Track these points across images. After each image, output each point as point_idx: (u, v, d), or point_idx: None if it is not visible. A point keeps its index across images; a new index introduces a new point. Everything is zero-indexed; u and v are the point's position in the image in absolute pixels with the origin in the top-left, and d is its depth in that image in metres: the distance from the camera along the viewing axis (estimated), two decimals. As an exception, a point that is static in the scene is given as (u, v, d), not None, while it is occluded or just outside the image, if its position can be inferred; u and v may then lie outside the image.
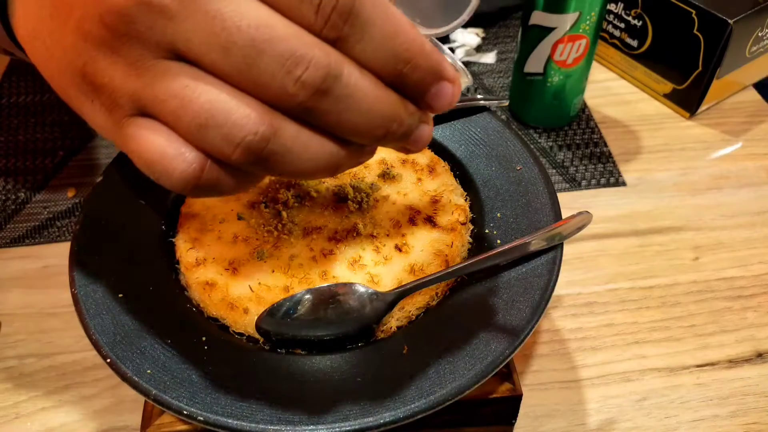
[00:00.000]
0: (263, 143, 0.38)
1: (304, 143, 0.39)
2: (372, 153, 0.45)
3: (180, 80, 0.37)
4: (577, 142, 0.98)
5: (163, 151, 0.38)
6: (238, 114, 0.37)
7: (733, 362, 0.73)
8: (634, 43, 1.03)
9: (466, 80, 0.49)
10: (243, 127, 0.37)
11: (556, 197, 0.63)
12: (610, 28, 1.06)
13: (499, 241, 0.60)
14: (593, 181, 0.92)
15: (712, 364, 0.73)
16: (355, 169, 0.66)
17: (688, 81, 0.98)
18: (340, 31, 0.37)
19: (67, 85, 0.41)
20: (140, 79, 0.37)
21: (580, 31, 0.86)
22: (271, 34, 0.36)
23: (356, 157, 0.43)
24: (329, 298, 0.54)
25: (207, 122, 0.37)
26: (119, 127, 0.39)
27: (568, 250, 0.56)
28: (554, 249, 0.58)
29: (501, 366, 0.51)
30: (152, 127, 0.38)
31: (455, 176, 0.68)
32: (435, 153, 0.69)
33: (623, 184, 0.92)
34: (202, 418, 0.48)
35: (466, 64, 1.11)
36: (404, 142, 0.44)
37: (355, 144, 0.42)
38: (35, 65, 0.43)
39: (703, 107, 1.00)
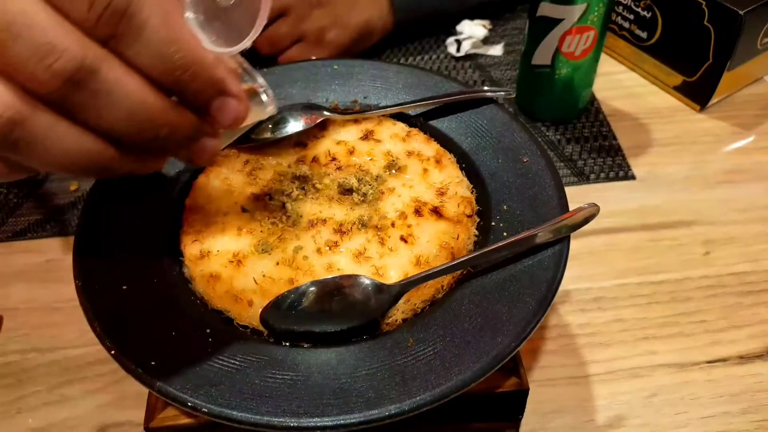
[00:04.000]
0: (8, 127, 0.38)
1: (59, 135, 0.40)
2: (159, 161, 0.47)
3: None
4: (586, 135, 0.98)
5: None
6: None
7: (745, 358, 0.73)
8: (644, 35, 1.03)
9: (270, 109, 0.51)
10: None
11: (563, 189, 0.63)
12: (619, 19, 1.06)
13: (505, 234, 0.61)
14: (602, 175, 0.92)
15: (723, 360, 0.73)
16: (360, 161, 0.67)
17: (699, 73, 0.98)
18: (114, 29, 0.39)
19: None
20: None
21: (589, 22, 0.86)
22: (31, 21, 0.37)
23: (133, 161, 0.44)
24: (334, 290, 0.54)
25: None
26: None
27: (577, 244, 0.56)
28: (561, 241, 0.58)
29: (507, 359, 0.51)
30: None
31: (461, 168, 0.68)
32: (441, 145, 0.70)
33: (633, 177, 0.92)
34: (206, 410, 0.48)
35: (473, 56, 1.11)
36: (184, 151, 0.46)
37: (128, 146, 0.43)
38: None
39: (714, 100, 1.00)
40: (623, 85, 1.07)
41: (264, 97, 0.52)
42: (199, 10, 0.46)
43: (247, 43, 0.46)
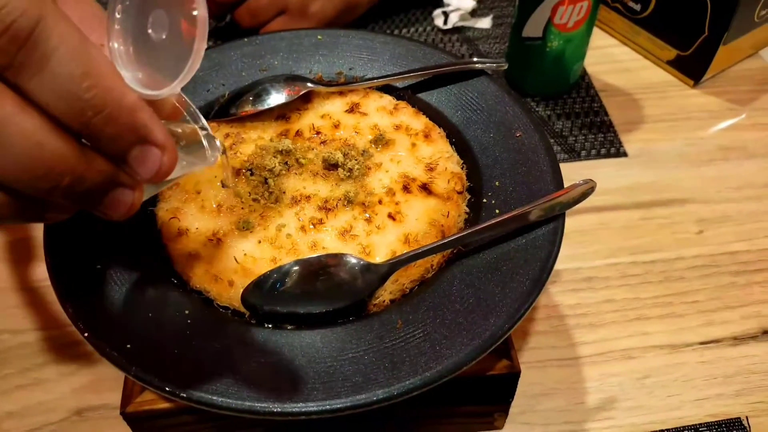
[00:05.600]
0: None
1: None
2: (60, 213, 0.41)
3: None
4: (577, 110, 0.97)
5: None
6: None
7: (738, 339, 0.72)
8: (637, 7, 1.02)
9: (212, 160, 0.45)
10: None
11: (558, 165, 0.62)
12: (612, -9, 1.05)
13: (497, 211, 0.60)
14: (593, 152, 0.92)
15: (716, 341, 0.72)
16: (345, 135, 0.66)
17: (694, 47, 0.97)
18: (12, 58, 0.34)
19: None
20: None
21: (582, -8, 0.85)
22: None
23: (30, 212, 0.39)
24: (319, 269, 0.53)
25: None
26: None
27: (567, 223, 0.56)
28: (556, 219, 0.57)
29: (499, 342, 0.51)
30: None
31: (451, 143, 0.67)
32: (430, 118, 0.69)
33: (625, 154, 0.91)
34: (185, 395, 0.47)
35: (461, 29, 1.10)
36: (93, 203, 0.40)
37: (25, 195, 0.38)
38: None
39: (708, 75, 0.99)
40: (615, 60, 1.06)
41: (205, 143, 0.47)
42: (128, 41, 0.41)
43: (176, 88, 0.40)
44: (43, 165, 0.36)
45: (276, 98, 0.67)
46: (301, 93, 0.68)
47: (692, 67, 0.99)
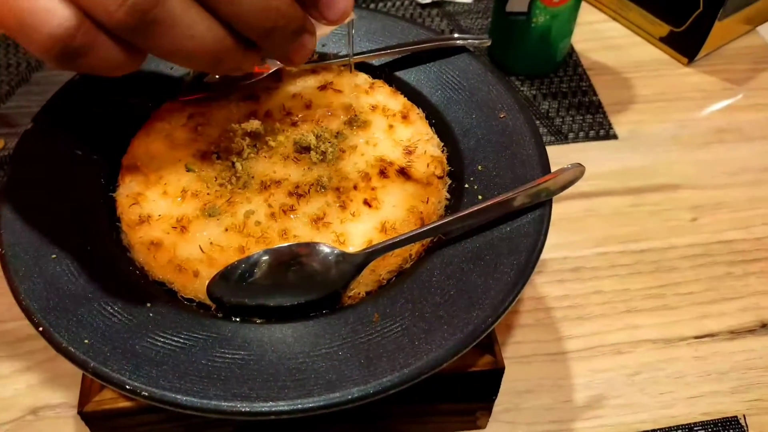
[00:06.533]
0: (152, 4, 0.40)
1: (192, 19, 0.43)
2: (255, 58, 0.50)
3: None
4: (564, 90, 0.98)
5: (34, 4, 0.39)
6: None
7: (735, 333, 0.73)
8: (628, -19, 1.03)
9: (352, 17, 0.56)
10: None
11: (544, 148, 0.62)
12: (601, -37, 1.06)
13: (480, 197, 0.60)
14: (581, 134, 0.92)
15: (711, 335, 0.73)
16: (318, 116, 0.66)
17: (688, 23, 0.98)
18: None
19: None
20: None
21: (570, -36, 0.85)
22: None
23: (241, 55, 0.48)
24: (290, 259, 0.53)
25: None
26: None
27: (554, 209, 0.57)
28: (542, 206, 0.58)
29: (482, 336, 0.51)
30: None
31: (431, 124, 0.67)
32: (408, 98, 0.69)
33: (614, 137, 0.92)
34: (146, 393, 0.47)
35: (440, 3, 1.10)
36: (289, 45, 0.50)
37: (243, 38, 0.46)
38: None
39: (703, 53, 1.00)
40: (604, 36, 1.06)
41: None
42: None
43: None
44: (274, 7, 0.45)
45: (245, 76, 0.67)
46: (270, 71, 0.68)
47: (686, 44, 1.00)
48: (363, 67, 0.71)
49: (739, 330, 0.73)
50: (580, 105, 0.96)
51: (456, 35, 0.71)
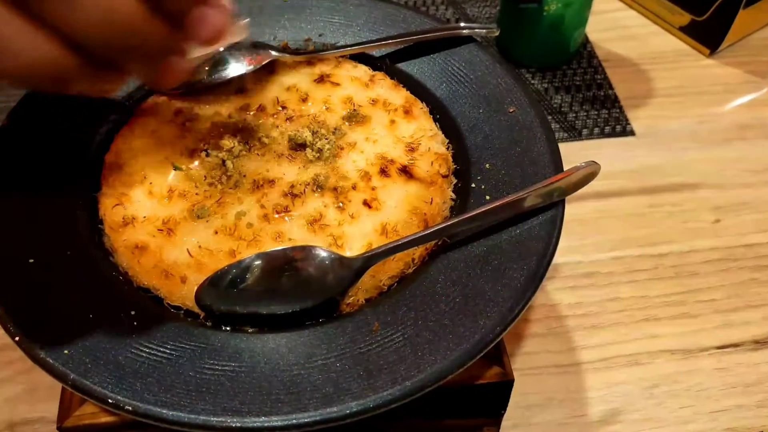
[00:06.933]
0: None
1: (26, 37, 0.41)
2: (116, 80, 0.48)
3: None
4: (578, 83, 0.97)
5: None
6: None
7: (760, 343, 0.73)
8: (646, -33, 1.02)
9: (245, 33, 0.53)
10: None
11: (556, 145, 0.62)
12: (617, -52, 1.06)
13: (488, 197, 0.60)
14: (596, 130, 0.92)
15: (735, 345, 0.73)
16: (314, 111, 0.66)
17: (710, 11, 0.97)
18: None
19: None
20: None
21: (584, -51, 0.85)
22: None
23: (91, 75, 0.45)
24: (284, 264, 0.53)
25: None
26: None
27: (567, 210, 0.57)
28: (554, 207, 0.57)
29: (490, 346, 0.50)
30: None
31: (435, 120, 0.67)
32: (411, 92, 0.68)
33: (631, 133, 0.92)
34: (130, 408, 0.47)
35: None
36: (151, 66, 0.48)
37: (92, 56, 0.44)
38: None
39: (726, 43, 1.00)
40: (621, 25, 1.06)
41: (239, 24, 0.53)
42: None
43: None
44: (120, 22, 0.42)
45: (235, 68, 0.67)
46: (264, 62, 0.68)
47: (708, 33, 1.00)
48: (363, 59, 0.71)
49: (764, 339, 0.73)
50: (595, 99, 0.95)
51: (462, 24, 0.71)
